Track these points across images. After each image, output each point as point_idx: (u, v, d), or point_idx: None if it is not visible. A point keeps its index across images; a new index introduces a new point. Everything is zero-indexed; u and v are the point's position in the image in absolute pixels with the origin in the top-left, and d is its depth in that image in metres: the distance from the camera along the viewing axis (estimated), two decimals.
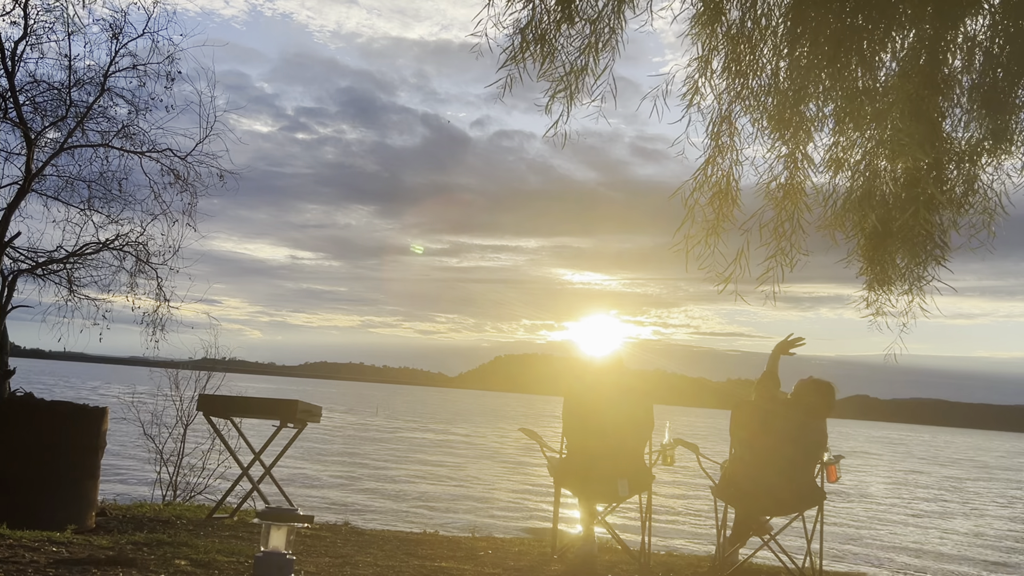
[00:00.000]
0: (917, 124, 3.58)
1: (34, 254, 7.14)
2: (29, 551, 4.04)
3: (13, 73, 6.75)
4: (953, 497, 21.23)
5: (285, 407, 6.17)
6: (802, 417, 4.99)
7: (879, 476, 26.62)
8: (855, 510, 16.05)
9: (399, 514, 11.51)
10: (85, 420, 5.27)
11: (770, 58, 4.27)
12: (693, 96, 4.35)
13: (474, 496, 14.25)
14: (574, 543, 5.24)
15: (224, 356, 8.75)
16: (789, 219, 4.39)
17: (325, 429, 27.26)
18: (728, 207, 4.36)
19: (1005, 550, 12.52)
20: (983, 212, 4.16)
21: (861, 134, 4.21)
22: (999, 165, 4.16)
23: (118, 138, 7.28)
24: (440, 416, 49.89)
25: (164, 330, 7.62)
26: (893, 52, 4.05)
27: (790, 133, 4.27)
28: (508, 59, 4.14)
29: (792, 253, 4.39)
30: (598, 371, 5.34)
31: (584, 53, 4.21)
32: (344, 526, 6.36)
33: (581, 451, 5.12)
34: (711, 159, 4.38)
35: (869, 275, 4.55)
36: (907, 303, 4.49)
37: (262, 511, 3.45)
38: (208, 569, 4.00)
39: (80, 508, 5.17)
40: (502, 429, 38.49)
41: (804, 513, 5.04)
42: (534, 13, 4.10)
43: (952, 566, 10.61)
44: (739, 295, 4.31)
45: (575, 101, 4.27)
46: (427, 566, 4.62)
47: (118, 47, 7.09)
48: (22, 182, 6.74)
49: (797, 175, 4.37)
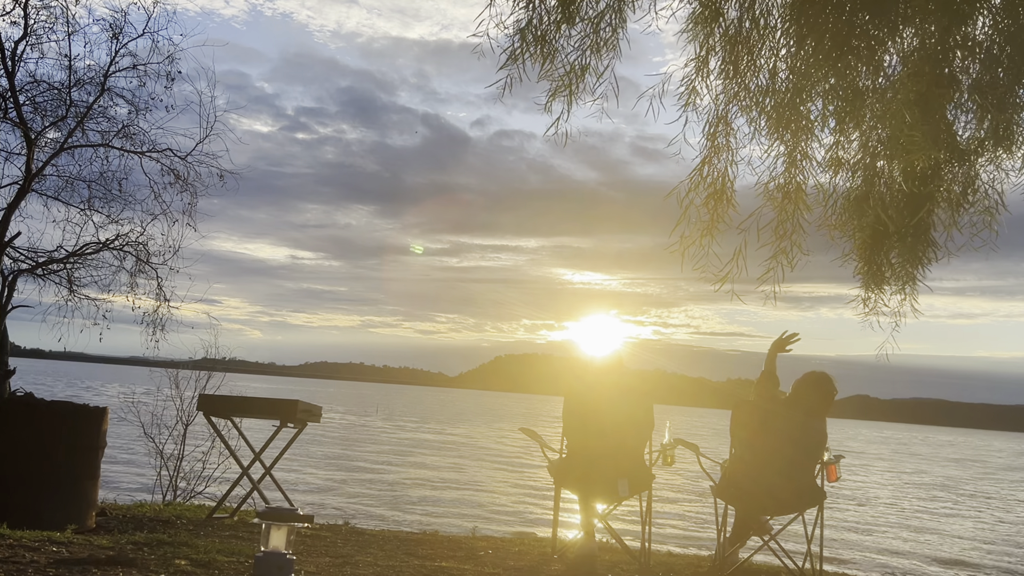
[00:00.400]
0: (926, 123, 3.57)
1: (34, 254, 7.15)
2: (29, 551, 4.05)
3: (13, 73, 6.75)
4: (953, 497, 21.23)
5: (285, 407, 6.17)
6: (802, 417, 4.99)
7: (879, 477, 26.63)
8: (855, 511, 16.06)
9: (399, 514, 11.51)
10: (85, 420, 5.27)
11: (768, 58, 4.27)
12: (690, 96, 4.36)
13: (474, 496, 14.25)
14: (574, 543, 5.24)
15: (224, 356, 8.75)
16: (789, 219, 4.40)
17: (325, 429, 27.26)
18: (724, 207, 4.37)
19: (999, 554, 12.52)
20: (984, 211, 4.17)
21: (864, 134, 4.21)
22: (999, 164, 4.16)
23: (118, 138, 7.29)
24: (440, 416, 49.89)
25: (164, 330, 7.63)
26: (898, 51, 4.04)
27: (790, 133, 4.27)
28: (508, 59, 4.14)
29: (793, 253, 4.39)
30: (598, 371, 5.34)
31: (585, 53, 4.21)
32: (344, 526, 6.36)
33: (581, 451, 5.12)
34: (707, 159, 4.39)
35: (865, 274, 4.55)
36: (899, 302, 4.51)
37: (262, 511, 3.45)
38: (208, 569, 4.00)
39: (80, 508, 5.17)
40: (502, 429, 38.50)
41: (804, 513, 5.04)
42: (534, 13, 4.10)
43: (953, 568, 10.61)
44: (736, 295, 4.32)
45: (576, 100, 4.28)
46: (427, 566, 4.62)
47: (118, 47, 7.09)
48: (22, 182, 6.74)
49: (797, 175, 4.37)
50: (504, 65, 4.15)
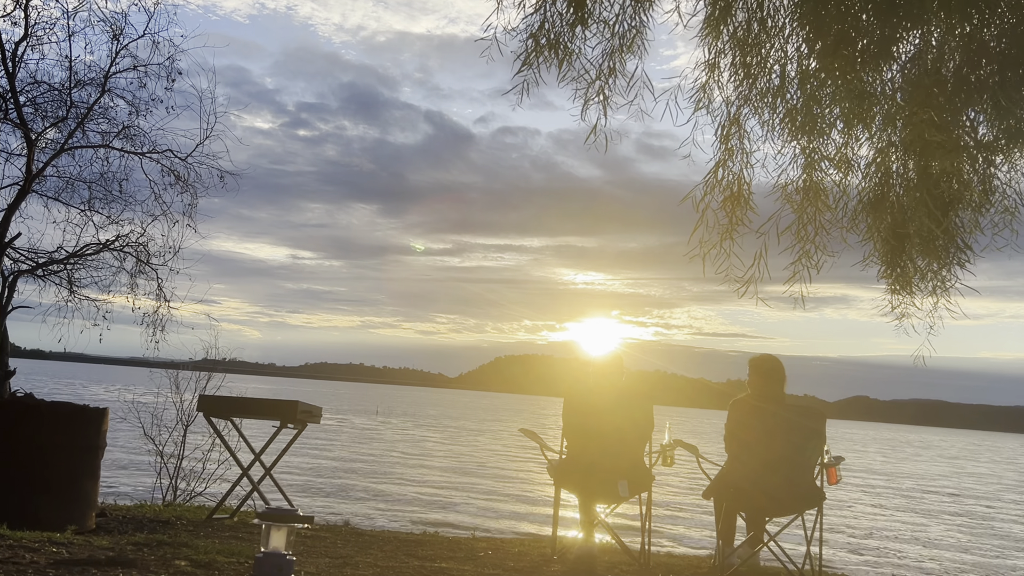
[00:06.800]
0: (948, 124, 3.55)
1: (34, 255, 7.16)
2: (29, 551, 4.05)
3: (14, 74, 6.76)
4: (953, 498, 21.23)
5: (285, 408, 6.17)
6: (800, 419, 4.99)
7: (880, 476, 26.62)
8: (855, 511, 16.05)
9: (399, 515, 11.51)
10: (85, 420, 5.27)
11: (779, 58, 4.23)
12: (702, 98, 4.32)
13: (474, 497, 14.25)
14: (574, 544, 5.25)
15: (224, 357, 8.75)
16: (811, 221, 4.34)
17: (325, 430, 27.26)
18: (742, 210, 4.33)
19: (998, 550, 12.52)
20: (1004, 211, 4.13)
21: (881, 136, 4.17)
22: (1013, 164, 4.13)
23: (119, 139, 7.30)
24: (440, 417, 49.88)
25: (164, 331, 7.64)
26: (918, 52, 4.01)
27: (807, 136, 4.23)
28: (523, 65, 4.11)
29: (817, 256, 4.35)
30: (598, 372, 5.35)
31: (612, 56, 4.17)
32: (344, 527, 6.36)
33: (581, 452, 5.12)
34: (721, 162, 4.35)
35: (890, 278, 4.50)
36: (932, 304, 4.44)
37: (262, 512, 3.45)
38: (208, 570, 4.00)
39: (80, 508, 5.17)
40: (502, 430, 38.49)
41: (804, 514, 5.04)
42: (545, 16, 4.06)
43: (955, 567, 10.61)
44: (760, 300, 4.29)
45: (609, 105, 4.24)
46: (427, 567, 4.62)
47: (119, 48, 7.10)
48: (23, 183, 6.75)
49: (815, 175, 4.32)
50: (519, 71, 4.12)
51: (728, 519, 5.14)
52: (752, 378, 5.15)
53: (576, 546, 5.16)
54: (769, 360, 5.15)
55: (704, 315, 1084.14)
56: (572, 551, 5.22)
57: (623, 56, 4.19)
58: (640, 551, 5.20)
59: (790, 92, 4.19)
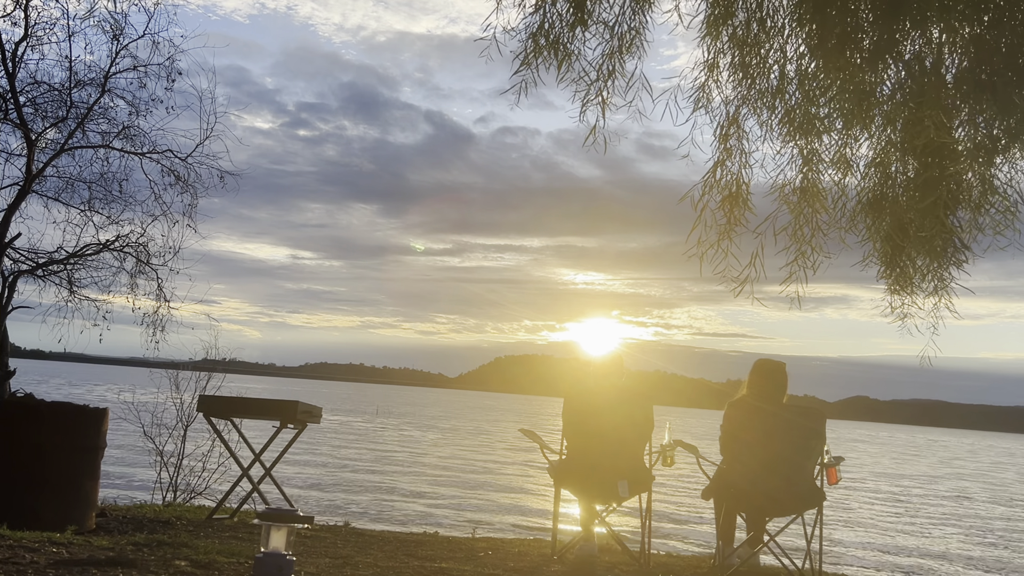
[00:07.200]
0: (948, 124, 3.55)
1: (34, 255, 7.16)
2: (29, 551, 4.05)
3: (14, 74, 6.76)
4: (953, 498, 21.24)
5: (285, 408, 6.18)
6: (800, 419, 4.99)
7: (879, 476, 26.62)
8: (855, 512, 16.05)
9: (399, 515, 11.51)
10: (85, 420, 5.27)
11: (778, 59, 4.23)
12: (701, 99, 4.32)
13: (474, 497, 14.25)
14: (574, 544, 5.25)
15: (224, 357, 8.76)
16: (808, 222, 4.34)
17: (325, 430, 27.26)
18: (740, 210, 4.33)
19: (1000, 547, 12.52)
20: (1005, 211, 4.12)
21: (881, 136, 4.17)
22: (1014, 164, 4.12)
23: (119, 139, 7.30)
24: (440, 417, 49.88)
25: (164, 331, 7.64)
26: (918, 52, 4.00)
27: (804, 137, 4.23)
28: (521, 65, 4.11)
29: (814, 256, 4.35)
30: (598, 372, 5.35)
31: (611, 57, 4.17)
32: (344, 527, 6.36)
33: (581, 452, 5.12)
34: (720, 162, 4.35)
35: (889, 278, 4.50)
36: (934, 304, 4.43)
37: (262, 512, 3.45)
38: (208, 570, 4.00)
39: (80, 508, 5.17)
40: (502, 430, 38.49)
41: (804, 514, 5.04)
42: (545, 17, 4.07)
43: (954, 566, 10.61)
44: (756, 299, 4.29)
45: (609, 106, 4.23)
46: (427, 567, 4.62)
47: (119, 48, 7.11)
48: (23, 183, 6.75)
49: (812, 175, 4.32)
50: (517, 71, 4.12)
51: (728, 519, 5.14)
52: (752, 378, 5.16)
53: (576, 546, 5.16)
54: (773, 364, 5.16)
55: (704, 315, 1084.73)
56: (572, 551, 5.22)
57: (622, 57, 4.19)
58: (640, 551, 5.20)
59: (789, 92, 4.20)
